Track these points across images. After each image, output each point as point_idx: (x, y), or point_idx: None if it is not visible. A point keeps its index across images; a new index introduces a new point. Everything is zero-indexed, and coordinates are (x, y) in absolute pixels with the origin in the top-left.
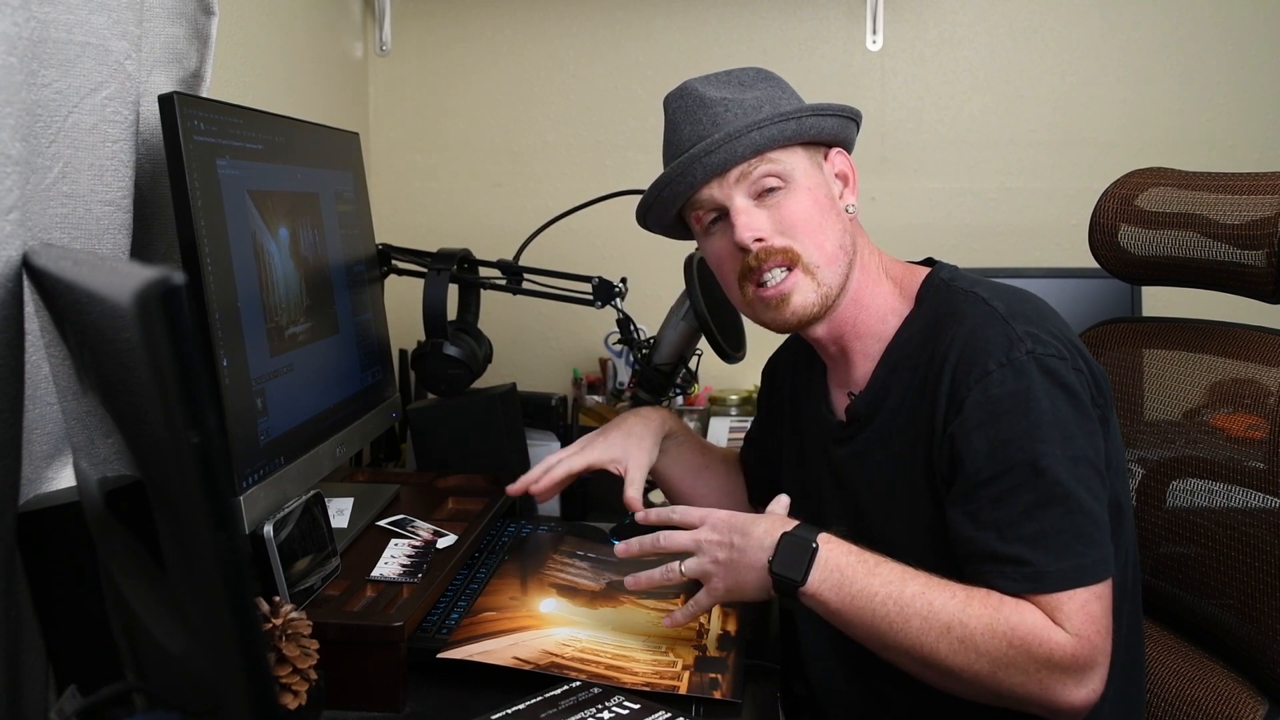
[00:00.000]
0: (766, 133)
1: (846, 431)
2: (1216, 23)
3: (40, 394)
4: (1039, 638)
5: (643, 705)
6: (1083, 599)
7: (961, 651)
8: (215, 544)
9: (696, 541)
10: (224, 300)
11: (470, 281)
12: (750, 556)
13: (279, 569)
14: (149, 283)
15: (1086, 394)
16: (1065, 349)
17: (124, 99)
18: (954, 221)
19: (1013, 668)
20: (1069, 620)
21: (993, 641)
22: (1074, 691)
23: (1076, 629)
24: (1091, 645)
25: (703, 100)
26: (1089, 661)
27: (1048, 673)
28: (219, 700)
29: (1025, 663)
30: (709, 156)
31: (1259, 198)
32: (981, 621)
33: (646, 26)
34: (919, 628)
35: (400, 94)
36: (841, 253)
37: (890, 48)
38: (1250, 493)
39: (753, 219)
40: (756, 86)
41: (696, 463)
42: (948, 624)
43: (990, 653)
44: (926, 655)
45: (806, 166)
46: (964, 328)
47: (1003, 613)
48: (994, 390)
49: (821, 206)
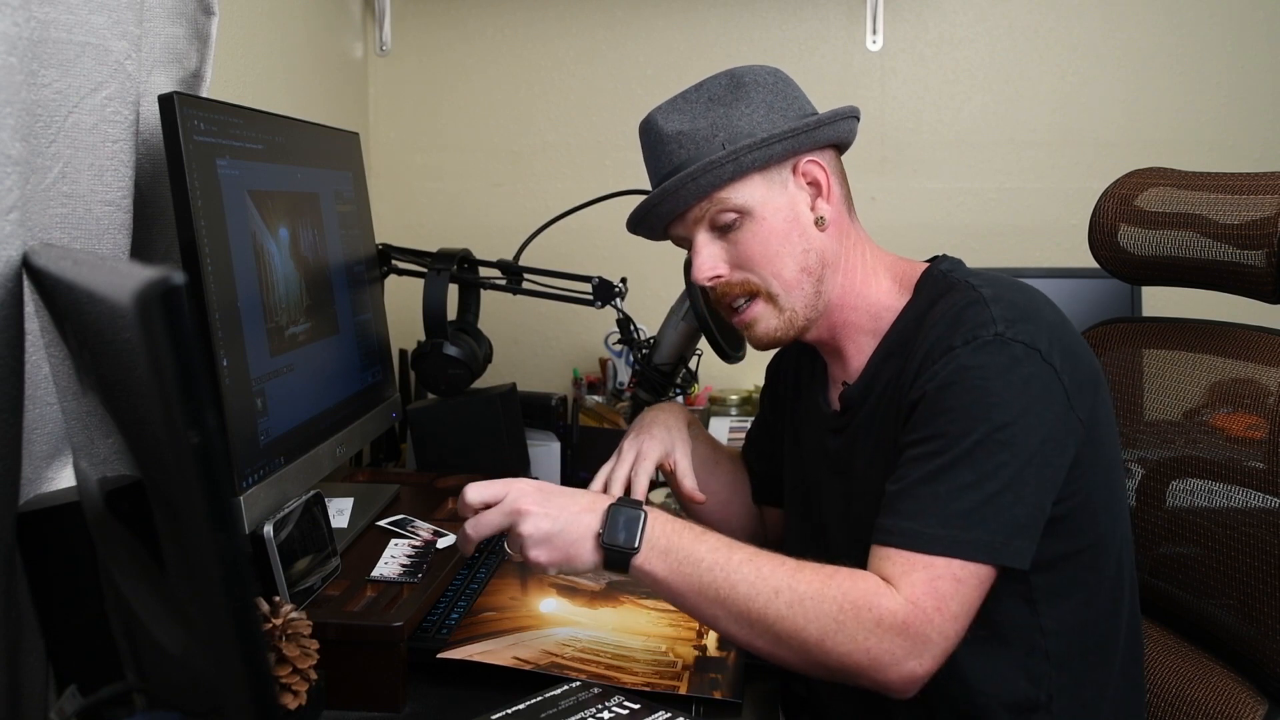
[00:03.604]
0: (706, 179)
1: (840, 421)
2: (1216, 23)
3: (40, 394)
4: (868, 600)
5: (643, 705)
6: (937, 572)
7: (789, 616)
8: (215, 544)
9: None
10: (224, 300)
11: (470, 281)
12: (576, 528)
13: (279, 569)
14: (149, 283)
15: (1054, 391)
16: (1043, 342)
17: (124, 99)
18: (954, 221)
19: (840, 633)
20: (910, 586)
21: (821, 605)
22: (903, 662)
23: (913, 597)
24: (925, 617)
25: (660, 136)
26: (920, 633)
27: (876, 638)
28: (219, 700)
29: (853, 627)
30: (660, 206)
31: (1259, 198)
32: (812, 586)
33: (646, 26)
34: (746, 593)
35: (400, 94)
36: (804, 275)
37: (890, 48)
38: (1250, 493)
39: (710, 257)
40: (719, 106)
41: (709, 457)
42: (776, 588)
43: (818, 617)
44: (755, 619)
45: (764, 194)
46: (948, 311)
47: (835, 579)
48: (951, 364)
49: (781, 233)
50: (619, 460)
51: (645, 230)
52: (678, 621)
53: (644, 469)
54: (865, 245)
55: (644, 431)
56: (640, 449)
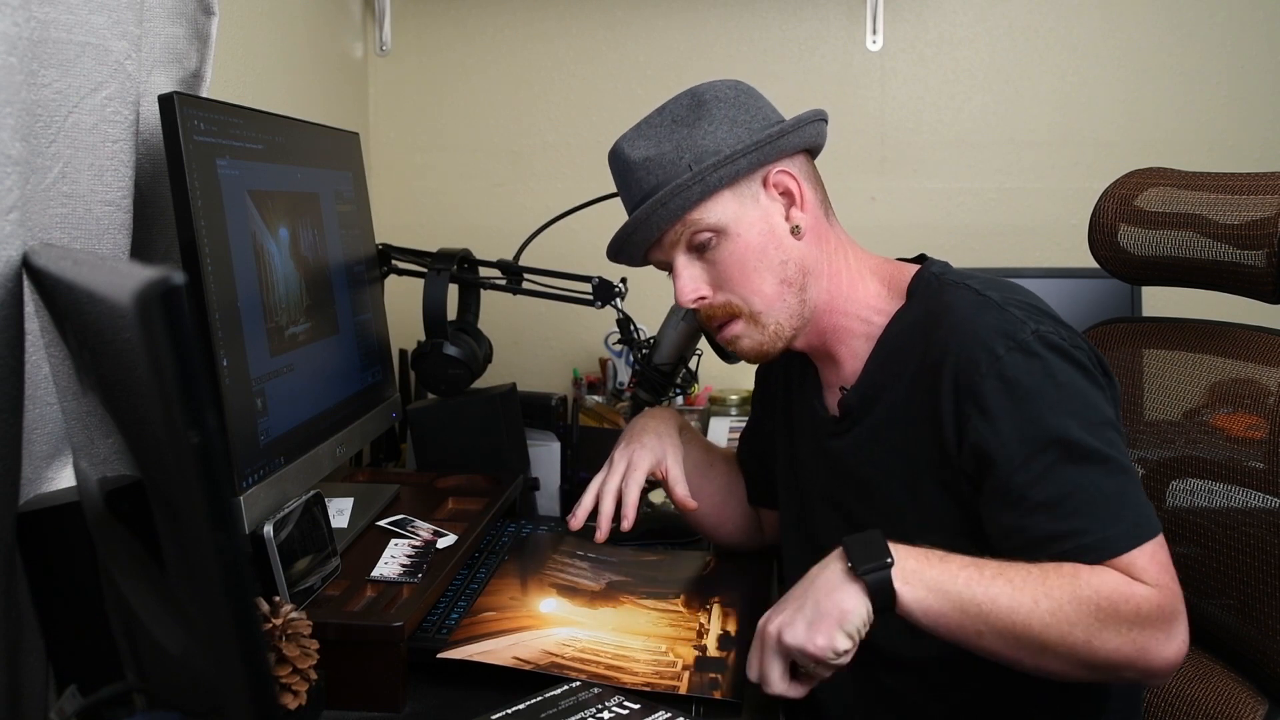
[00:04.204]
0: (675, 203)
1: (841, 425)
2: (1216, 23)
3: (40, 394)
4: (1124, 595)
5: (643, 705)
6: (1151, 550)
7: (1054, 625)
8: (215, 544)
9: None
10: (224, 300)
11: (470, 281)
12: (821, 585)
13: (279, 569)
14: (149, 283)
15: (1094, 366)
16: (1066, 332)
17: (124, 99)
18: (954, 221)
19: (1107, 631)
20: (1146, 573)
21: (1081, 608)
22: (1165, 645)
23: (1155, 579)
24: (1173, 593)
25: (628, 164)
26: (1173, 611)
27: (1139, 630)
28: (219, 700)
29: (1117, 624)
30: (635, 234)
31: (1259, 198)
32: (1065, 591)
33: (646, 26)
34: (1008, 605)
35: (400, 94)
36: (785, 287)
37: (890, 48)
38: (1250, 493)
39: (691, 279)
40: (682, 127)
41: (703, 460)
42: (1034, 597)
43: (1081, 620)
44: (1020, 632)
45: (736, 210)
46: (959, 318)
47: (1081, 578)
48: (1008, 374)
49: (758, 248)
50: (610, 471)
51: (625, 259)
52: (678, 621)
53: (635, 479)
54: (847, 247)
55: (634, 440)
56: (631, 459)
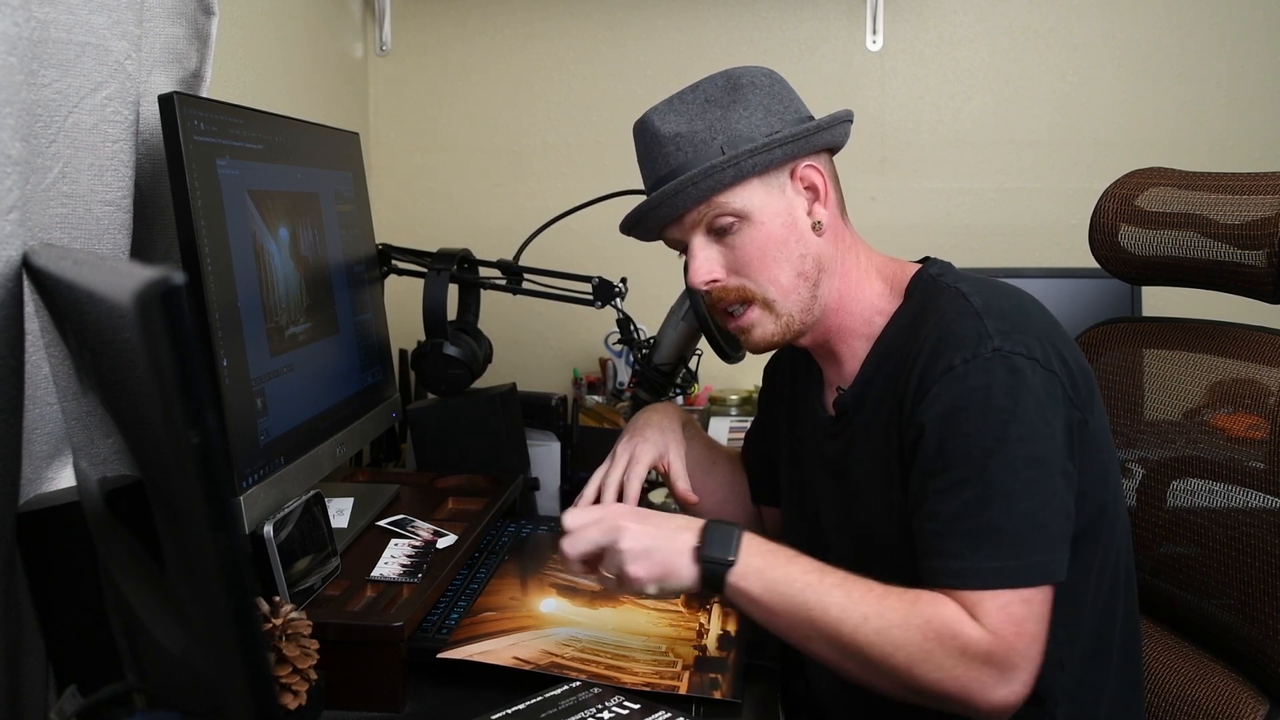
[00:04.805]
0: (706, 184)
1: (836, 426)
2: (1216, 23)
3: (40, 394)
4: (951, 630)
5: (643, 705)
6: (1005, 600)
7: (878, 644)
8: (215, 544)
9: (608, 530)
10: (224, 300)
11: (470, 281)
12: (674, 543)
13: (279, 569)
14: (149, 283)
15: (1058, 396)
16: (1039, 349)
17: (124, 99)
18: (954, 221)
19: (929, 661)
20: (986, 617)
21: (908, 633)
22: (993, 690)
23: (993, 627)
24: (1008, 645)
25: (657, 138)
26: (1005, 660)
27: (963, 667)
28: (219, 700)
29: (940, 656)
30: (658, 209)
31: (1259, 198)
32: (898, 613)
33: (646, 26)
34: (837, 616)
35: (400, 94)
36: (801, 280)
37: (890, 48)
38: (1250, 493)
39: (706, 261)
40: (716, 108)
41: (706, 457)
42: (865, 614)
43: (905, 644)
44: (845, 643)
45: (762, 198)
46: (937, 323)
47: (918, 606)
48: (955, 385)
49: (779, 238)
50: (612, 464)
51: (639, 233)
52: (678, 621)
53: (637, 473)
54: (859, 248)
55: (637, 434)
56: (634, 452)
